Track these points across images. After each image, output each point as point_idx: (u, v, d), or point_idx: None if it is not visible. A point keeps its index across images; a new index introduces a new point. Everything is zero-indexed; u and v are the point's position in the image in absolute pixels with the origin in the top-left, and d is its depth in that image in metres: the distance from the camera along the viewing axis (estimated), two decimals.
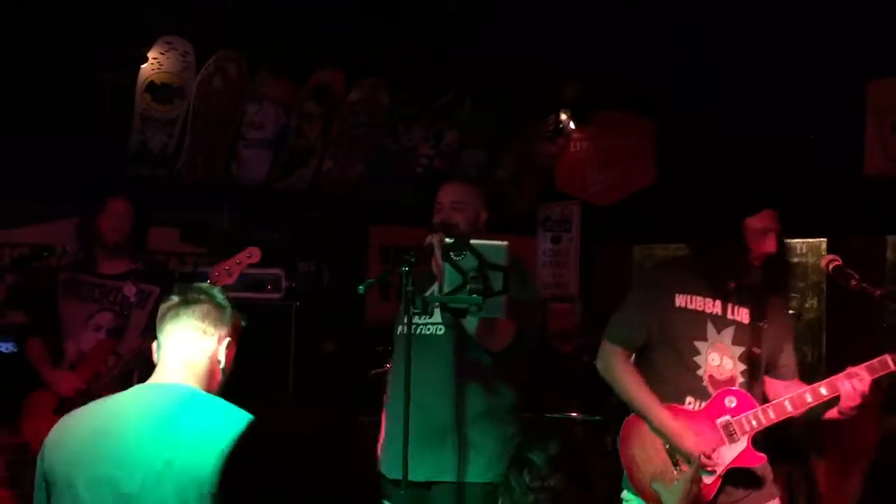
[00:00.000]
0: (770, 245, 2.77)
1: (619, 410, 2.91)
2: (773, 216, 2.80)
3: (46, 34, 3.95)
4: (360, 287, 2.65)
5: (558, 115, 5.83)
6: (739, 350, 2.79)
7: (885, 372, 2.65)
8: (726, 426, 2.71)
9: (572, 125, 5.87)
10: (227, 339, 2.01)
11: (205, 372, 1.98)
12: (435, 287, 2.88)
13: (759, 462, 2.74)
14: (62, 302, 3.76)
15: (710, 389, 2.76)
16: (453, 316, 2.81)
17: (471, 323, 2.75)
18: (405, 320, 2.66)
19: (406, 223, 5.13)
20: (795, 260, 5.17)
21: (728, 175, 4.78)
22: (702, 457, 2.64)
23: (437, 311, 2.92)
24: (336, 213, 5.38)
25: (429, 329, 2.94)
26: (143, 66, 4.38)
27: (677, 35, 4.55)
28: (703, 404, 2.74)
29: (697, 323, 2.80)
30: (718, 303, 2.81)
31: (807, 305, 5.40)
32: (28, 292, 4.31)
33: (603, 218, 5.93)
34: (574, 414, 4.37)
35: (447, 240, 2.62)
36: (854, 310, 4.40)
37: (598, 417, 4.36)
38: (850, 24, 4.16)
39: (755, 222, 2.79)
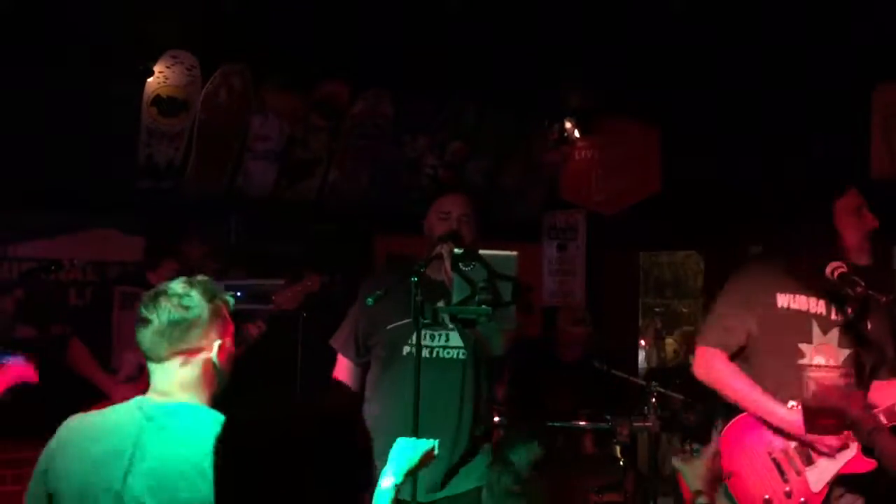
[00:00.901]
0: (871, 220, 2.65)
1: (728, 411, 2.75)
2: (859, 193, 2.69)
3: (55, 49, 3.97)
4: (369, 299, 2.65)
5: (563, 124, 5.84)
6: (845, 353, 2.68)
7: None
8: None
9: (577, 133, 5.88)
10: (217, 340, 1.94)
11: (197, 381, 1.94)
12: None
13: (869, 468, 2.60)
14: (119, 314, 3.82)
15: None
16: (463, 327, 2.81)
17: (496, 341, 2.76)
18: (413, 338, 2.66)
19: (412, 233, 5.12)
20: None
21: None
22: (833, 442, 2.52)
23: (456, 334, 2.91)
24: (342, 223, 5.39)
25: (449, 353, 2.92)
26: (149, 80, 4.40)
27: (681, 40, 4.55)
28: None
29: (802, 324, 2.68)
30: (822, 302, 2.69)
31: None
32: (37, 306, 4.35)
33: (609, 225, 5.94)
34: (582, 423, 4.36)
35: (456, 250, 2.62)
36: None
37: (606, 426, 4.35)
38: (858, 27, 4.15)
39: (849, 201, 2.67)
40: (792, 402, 2.64)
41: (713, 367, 2.73)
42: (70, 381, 3.82)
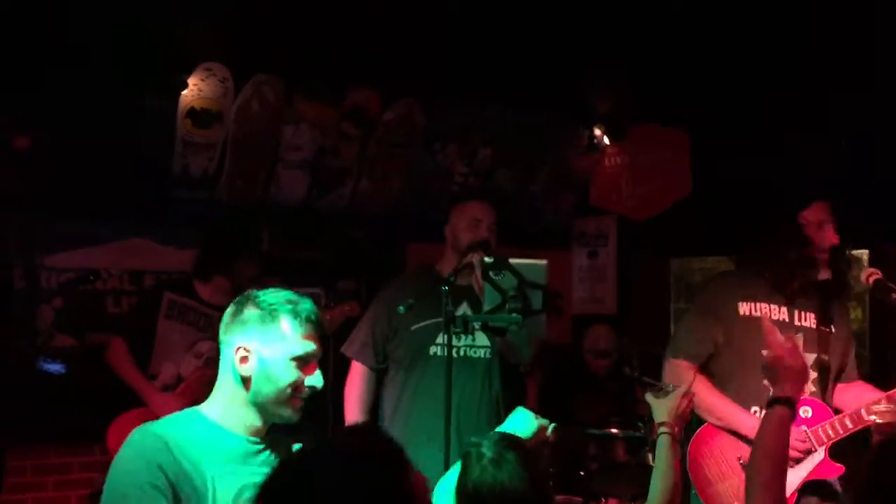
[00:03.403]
0: (831, 236, 2.70)
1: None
2: (825, 207, 2.74)
3: (91, 64, 4.06)
4: (401, 308, 2.68)
5: (592, 130, 5.84)
6: (810, 357, 2.71)
7: None
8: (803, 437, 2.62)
9: (606, 140, 5.87)
10: (240, 348, 1.92)
11: (217, 388, 1.95)
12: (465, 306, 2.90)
13: (837, 473, 2.66)
14: (164, 322, 3.86)
15: None
16: (494, 335, 2.83)
17: (525, 348, 2.77)
18: (443, 340, 2.68)
19: (443, 241, 5.15)
20: None
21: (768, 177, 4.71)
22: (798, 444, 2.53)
23: (482, 334, 2.93)
24: (374, 231, 5.43)
25: (476, 352, 2.95)
26: (183, 93, 4.47)
27: (710, 43, 4.54)
28: None
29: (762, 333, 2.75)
30: (784, 309, 2.76)
31: (851, 316, 5.33)
32: (75, 315, 4.43)
33: (639, 232, 5.91)
34: (614, 430, 4.35)
35: (486, 259, 2.65)
36: None
37: (638, 433, 4.34)
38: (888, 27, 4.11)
39: (810, 215, 2.73)
40: (755, 408, 2.67)
41: (681, 379, 2.77)
42: (108, 389, 3.88)
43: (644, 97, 5.37)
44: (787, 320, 2.75)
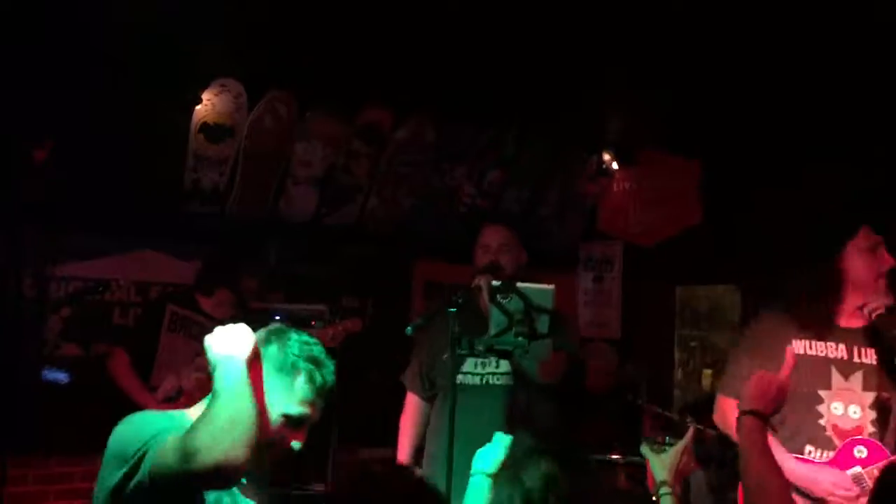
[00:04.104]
0: (888, 257, 2.60)
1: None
2: (871, 230, 2.64)
3: (106, 77, 4.10)
4: (409, 329, 2.70)
5: (601, 155, 5.87)
6: (870, 396, 2.62)
7: None
8: (857, 478, 2.53)
9: (615, 165, 5.89)
10: None
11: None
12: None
13: None
14: (166, 334, 3.88)
15: (835, 439, 2.60)
16: (499, 358, 2.84)
17: (530, 367, 2.78)
18: (471, 367, 2.68)
19: (450, 260, 5.18)
20: None
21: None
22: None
23: (503, 361, 2.95)
24: (381, 249, 5.45)
25: (498, 379, 2.97)
26: (197, 108, 4.52)
27: (722, 71, 4.56)
28: (826, 454, 2.59)
29: (820, 370, 2.64)
30: (843, 346, 2.64)
31: None
32: (82, 325, 4.45)
33: (646, 257, 5.92)
34: (616, 456, 4.34)
35: (494, 282, 2.66)
36: None
37: (640, 459, 4.33)
38: None
39: (861, 241, 2.63)
40: (809, 447, 2.62)
41: (728, 417, 2.74)
42: (112, 399, 3.89)
43: (655, 124, 5.40)
44: (845, 358, 2.64)
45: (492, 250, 3.04)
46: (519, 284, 2.61)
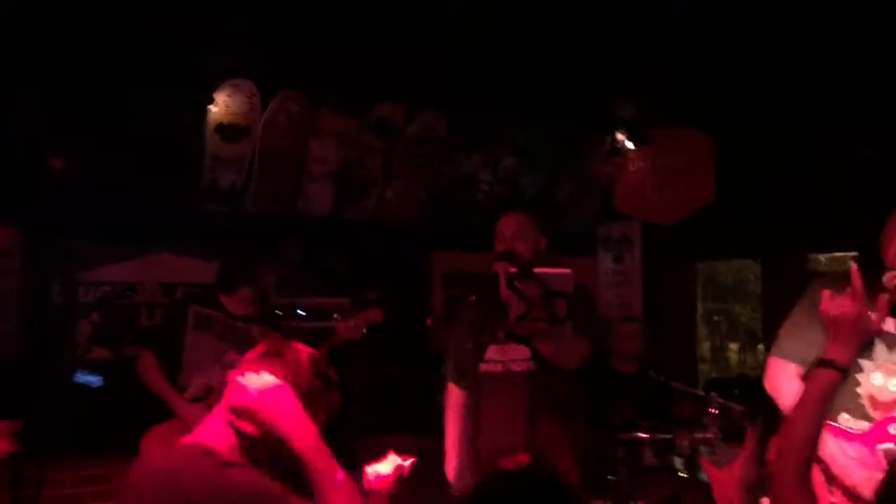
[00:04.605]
0: None
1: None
2: None
3: (124, 83, 4.16)
4: (426, 320, 2.74)
5: (615, 136, 5.86)
6: None
7: None
8: (888, 453, 2.50)
9: (629, 145, 5.89)
10: None
11: None
12: None
13: None
14: (192, 334, 3.93)
15: (870, 409, 2.58)
16: (518, 343, 2.88)
17: (545, 349, 2.81)
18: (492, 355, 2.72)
19: (468, 249, 5.20)
20: None
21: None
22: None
23: (523, 346, 2.98)
24: (399, 241, 5.49)
25: (520, 365, 3.00)
26: (212, 109, 4.57)
27: (733, 45, 4.54)
28: (863, 425, 2.57)
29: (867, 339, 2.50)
30: (892, 321, 2.58)
31: None
32: (111, 328, 4.53)
33: (665, 236, 5.92)
34: (643, 434, 4.37)
35: (511, 269, 2.69)
36: None
37: (668, 436, 4.35)
38: None
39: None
40: (845, 415, 2.61)
41: (781, 382, 2.66)
42: (143, 400, 3.96)
43: (667, 102, 5.39)
44: (892, 331, 2.57)
45: (507, 238, 3.06)
46: (536, 270, 2.64)
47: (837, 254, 5.44)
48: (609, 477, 4.33)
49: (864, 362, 2.61)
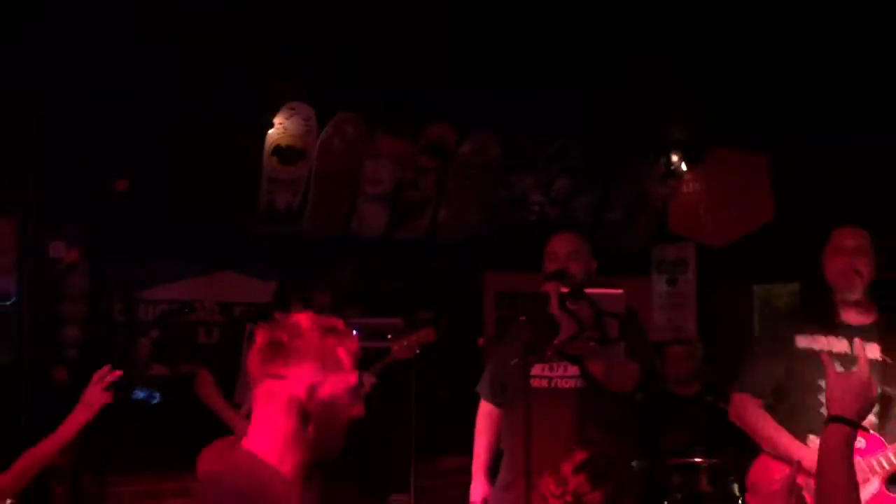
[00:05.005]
0: (838, 261, 2.84)
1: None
2: (845, 233, 2.88)
3: (183, 107, 4.28)
4: (480, 340, 2.75)
5: (669, 157, 5.82)
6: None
7: None
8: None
9: (684, 166, 5.84)
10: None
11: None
12: None
13: None
14: (248, 352, 4.01)
15: None
16: (570, 363, 2.87)
17: (596, 369, 2.80)
18: (539, 372, 2.72)
19: (520, 269, 5.21)
20: None
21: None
22: None
23: (572, 364, 2.97)
24: (452, 261, 5.52)
25: (567, 382, 2.99)
26: (269, 132, 4.67)
27: (789, 65, 4.50)
28: None
29: (821, 364, 2.74)
30: (845, 340, 2.75)
31: None
32: (170, 346, 4.64)
33: (720, 258, 5.84)
34: (698, 459, 4.30)
35: (563, 289, 2.69)
36: None
37: (724, 461, 4.27)
38: None
39: (832, 241, 2.88)
40: (811, 436, 2.65)
41: (744, 412, 2.87)
42: (200, 417, 4.03)
43: (722, 122, 5.34)
44: (848, 352, 2.72)
45: (560, 258, 3.06)
46: (588, 290, 2.64)
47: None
48: (664, 503, 4.27)
49: (823, 383, 2.64)
